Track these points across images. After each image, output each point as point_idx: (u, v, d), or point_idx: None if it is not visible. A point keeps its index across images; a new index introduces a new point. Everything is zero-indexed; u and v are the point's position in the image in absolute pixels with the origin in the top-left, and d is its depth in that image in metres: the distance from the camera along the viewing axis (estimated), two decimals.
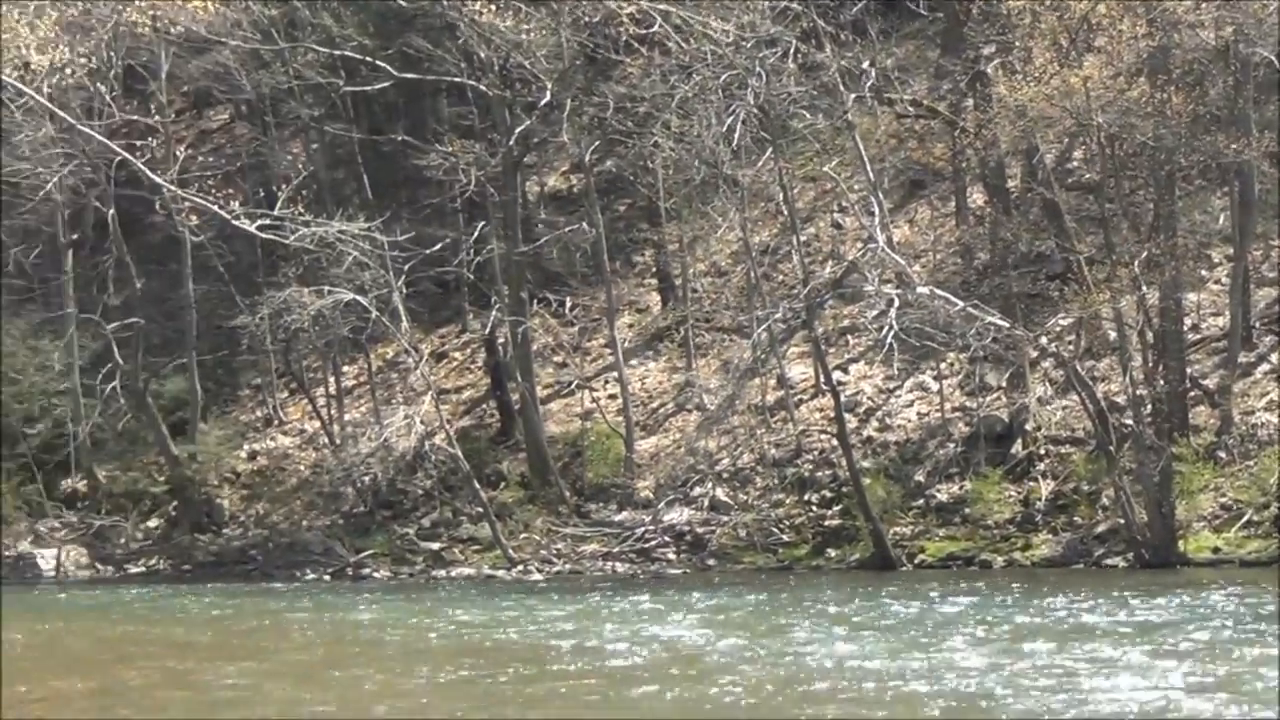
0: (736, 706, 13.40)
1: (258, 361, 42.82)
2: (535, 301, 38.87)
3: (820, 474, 31.90)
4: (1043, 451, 29.74)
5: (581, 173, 37.99)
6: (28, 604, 29.91)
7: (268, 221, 19.76)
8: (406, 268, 33.88)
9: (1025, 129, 27.04)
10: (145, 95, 41.02)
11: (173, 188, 25.16)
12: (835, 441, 30.75)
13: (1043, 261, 31.93)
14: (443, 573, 32.58)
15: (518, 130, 34.73)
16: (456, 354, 41.74)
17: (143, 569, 38.10)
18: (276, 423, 42.35)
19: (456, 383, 40.51)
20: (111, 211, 39.92)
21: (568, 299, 40.29)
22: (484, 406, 38.93)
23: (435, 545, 34.24)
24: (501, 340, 36.92)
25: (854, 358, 34.62)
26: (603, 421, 35.65)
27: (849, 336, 35.04)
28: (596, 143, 35.55)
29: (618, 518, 33.14)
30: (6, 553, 39.39)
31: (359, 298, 32.99)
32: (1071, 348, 29.49)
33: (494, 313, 35.89)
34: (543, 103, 34.36)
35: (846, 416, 30.56)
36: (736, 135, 29.22)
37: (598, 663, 16.42)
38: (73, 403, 41.31)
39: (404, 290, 34.35)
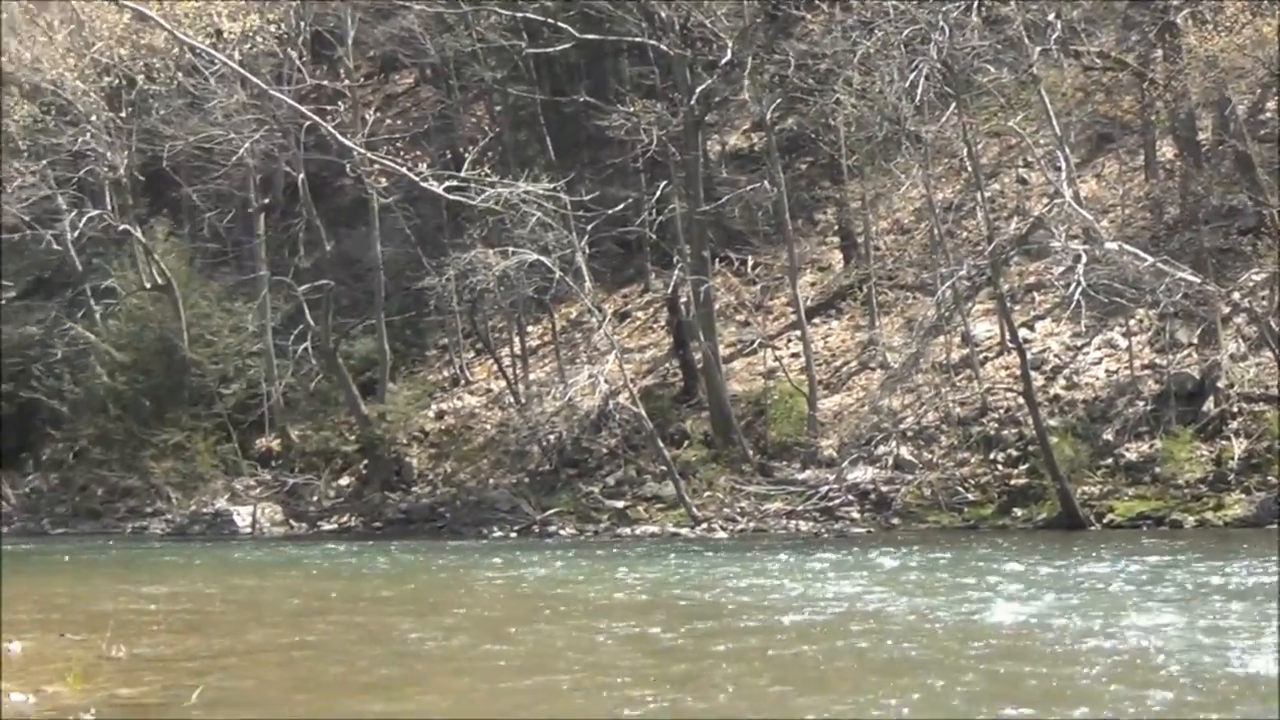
0: (913, 663, 13.46)
1: (444, 322, 43.81)
2: (717, 260, 39.31)
3: (1006, 432, 31.83)
4: (1235, 409, 29.42)
5: (763, 131, 38.21)
6: (224, 560, 31.19)
7: (455, 183, 20.40)
8: (589, 228, 34.72)
9: (1216, 80, 26.87)
10: (333, 60, 42.53)
11: (363, 150, 25.51)
12: (1021, 400, 30.58)
13: (1235, 215, 31.55)
14: (627, 530, 33.21)
15: (699, 89, 35.08)
16: (639, 313, 42.63)
17: (334, 526, 39.39)
18: (463, 382, 43.43)
19: (639, 342, 41.30)
20: (301, 176, 41.51)
21: (749, 258, 40.74)
22: (667, 365, 39.53)
23: (620, 503, 34.83)
24: (684, 299, 37.42)
25: (1040, 315, 34.46)
26: (785, 380, 35.98)
27: (1035, 293, 34.83)
28: (778, 100, 35.79)
29: (801, 476, 33.43)
30: (204, 509, 41.60)
31: (543, 258, 33.65)
32: (1265, 303, 29.29)
33: (676, 272, 36.38)
34: (723, 61, 34.51)
35: (1033, 374, 30.37)
36: (919, 91, 28.90)
37: (776, 618, 16.68)
38: (266, 363, 43.37)
39: (587, 250, 35.12)
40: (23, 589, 22.80)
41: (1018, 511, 30.08)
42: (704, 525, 32.47)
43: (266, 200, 46.10)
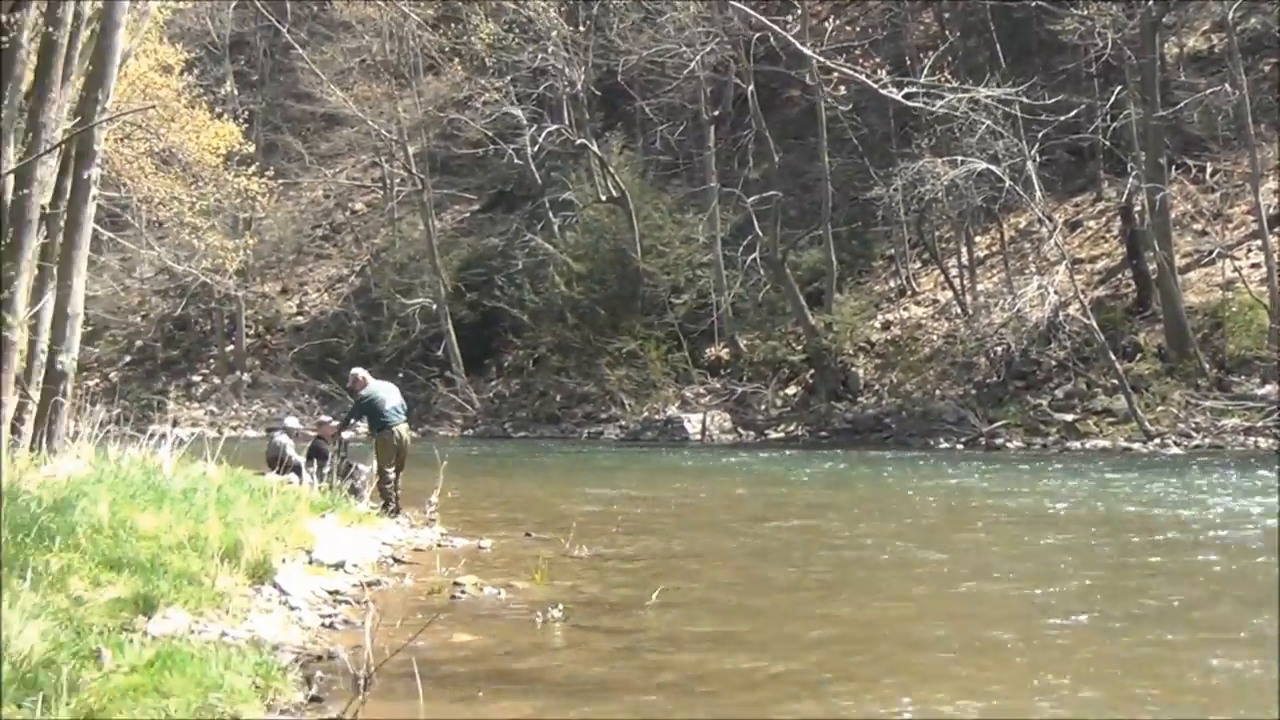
0: None
1: (891, 232, 44.98)
2: (1174, 167, 38.83)
3: None
4: None
5: (1224, 31, 37.98)
6: (676, 465, 32.22)
7: (914, 90, 21.19)
8: (1040, 135, 34.76)
9: None
10: None
11: (821, 59, 27.34)
12: None
13: None
14: (1076, 444, 32.95)
15: None
16: (1091, 223, 42.66)
17: (781, 434, 40.43)
18: (909, 293, 44.57)
19: (1091, 252, 41.30)
20: (750, 88, 43.15)
21: (1208, 164, 40.23)
22: (1119, 276, 39.44)
23: (1069, 416, 34.70)
24: (1138, 208, 37.16)
25: None
26: (1245, 291, 35.61)
27: None
28: None
29: (1260, 391, 33.11)
30: (656, 416, 43.88)
31: (992, 167, 34.01)
32: None
33: (1130, 180, 36.19)
34: None
35: None
36: None
37: (1229, 536, 16.30)
38: (715, 274, 45.57)
39: (1037, 158, 35.28)
40: (489, 490, 24.45)
41: None
42: (1157, 440, 32.19)
43: (716, 113, 48.24)
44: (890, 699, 8.89)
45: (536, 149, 49.44)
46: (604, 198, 49.18)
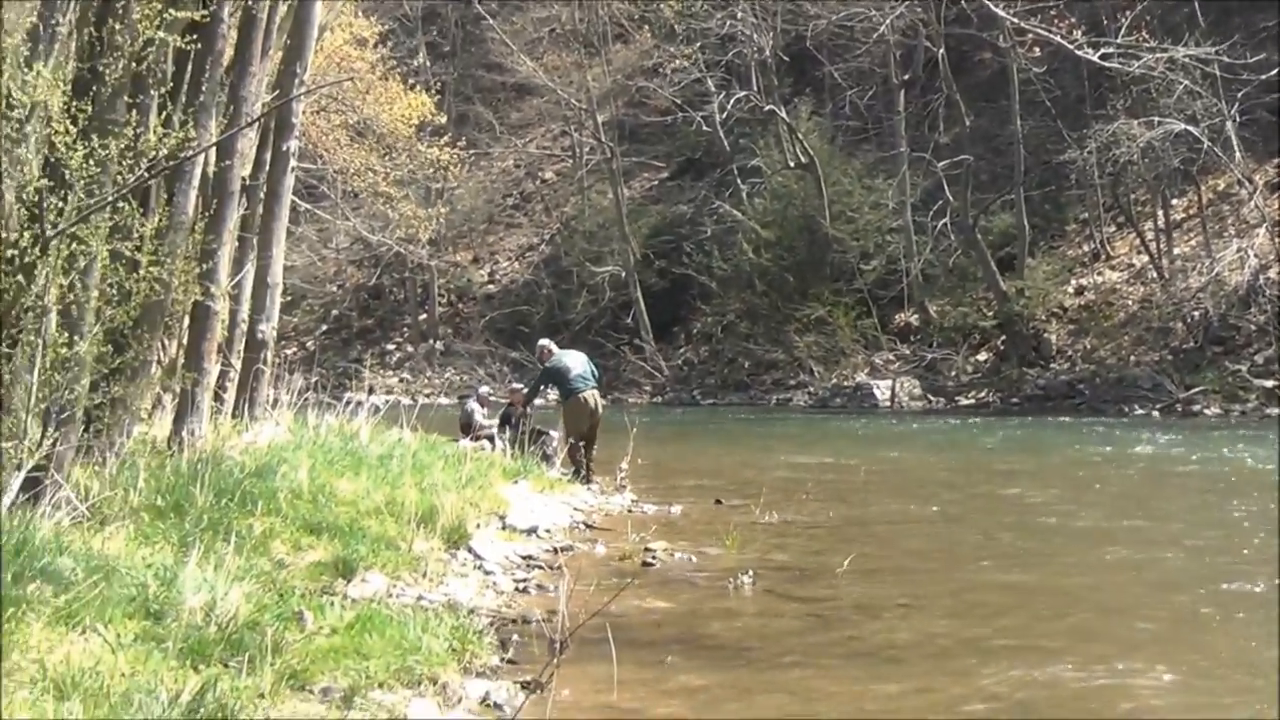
0: None
1: (1084, 196, 44.19)
2: None
3: None
4: None
5: None
6: (865, 432, 32.05)
7: (1110, 50, 20.29)
8: (1240, 95, 34.51)
9: None
10: None
11: (1014, 20, 25.41)
12: None
13: None
14: (1276, 410, 32.50)
15: None
16: None
17: (971, 401, 40.24)
18: (1103, 257, 43.71)
19: None
20: (941, 51, 43.11)
21: None
22: None
23: (1269, 383, 34.26)
24: None
25: None
26: None
27: None
28: None
29: None
30: (845, 383, 43.72)
31: (1190, 128, 33.74)
32: None
33: None
34: None
35: None
36: None
37: None
38: (905, 239, 45.27)
39: (1237, 119, 35.04)
40: (678, 457, 24.61)
41: None
42: None
43: (906, 76, 47.81)
44: (1085, 665, 8.81)
45: (725, 116, 49.58)
46: (792, 164, 49.04)
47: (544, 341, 20.31)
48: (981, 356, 43.22)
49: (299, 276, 57.84)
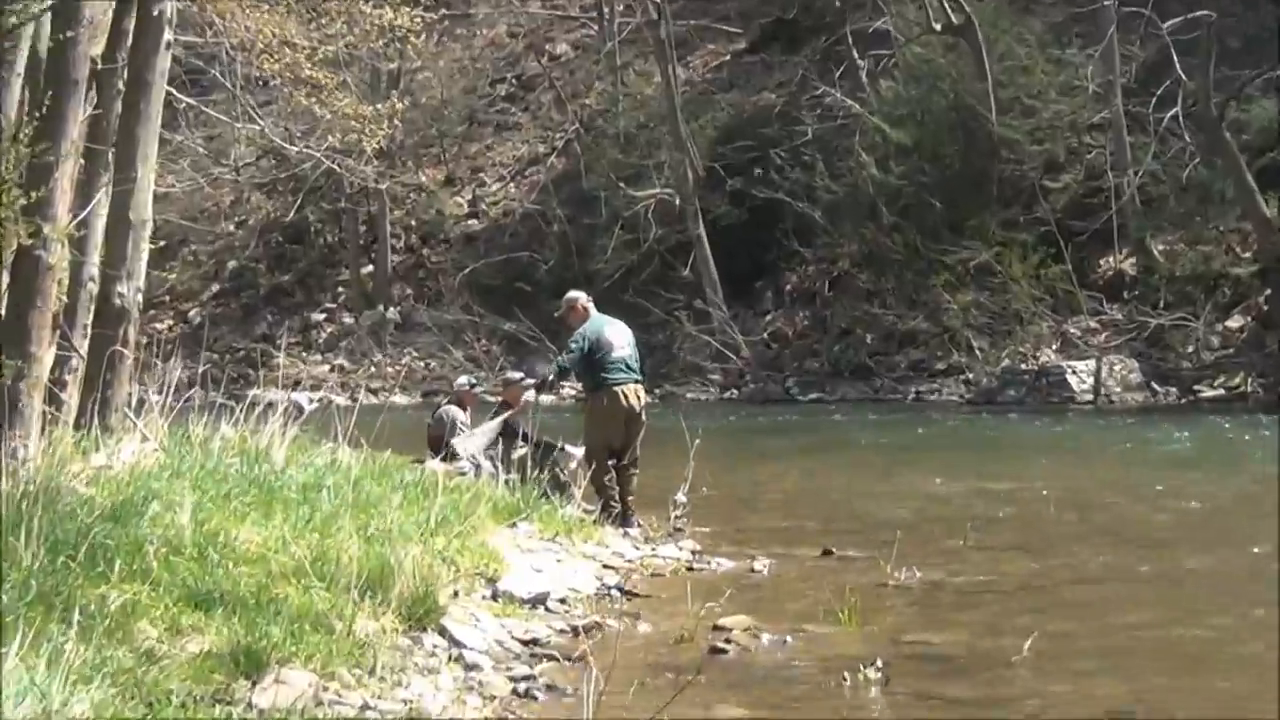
0: None
1: None
2: None
3: None
4: None
5: None
6: (1055, 440, 32.77)
7: None
8: None
9: None
10: None
11: None
12: None
13: None
14: None
15: None
16: None
17: (1220, 391, 40.40)
18: None
19: None
20: None
21: None
22: None
23: None
24: None
25: None
26: None
27: None
28: None
29: None
30: (1021, 365, 43.94)
31: None
32: None
33: None
34: None
35: None
36: None
37: None
38: (1114, 142, 45.39)
39: None
40: (763, 482, 25.25)
41: None
42: None
43: None
44: None
45: None
46: (938, 27, 49.40)
47: (575, 295, 20.31)
48: (1233, 322, 43.24)
49: (179, 210, 57.94)
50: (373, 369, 56.60)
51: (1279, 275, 42.22)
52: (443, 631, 12.47)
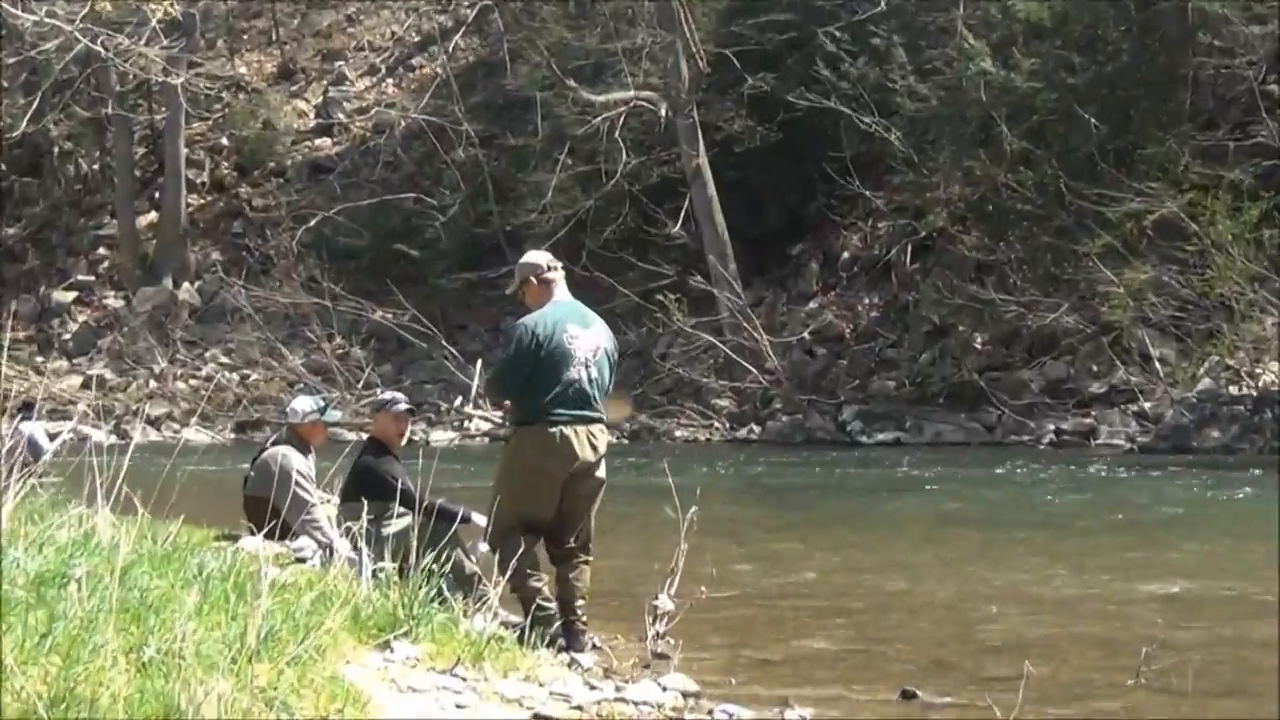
0: None
1: None
2: None
3: None
4: None
5: None
6: (1264, 517, 32.80)
7: None
8: None
9: None
10: None
11: None
12: None
13: None
14: None
15: None
16: None
17: None
18: None
19: None
20: None
21: None
22: None
23: None
24: None
25: None
26: None
27: None
28: None
29: None
30: (1233, 388, 49.55)
31: None
32: None
33: None
34: None
35: None
36: None
37: None
38: None
39: None
40: (799, 572, 26.51)
41: None
42: None
43: None
44: None
45: None
46: None
47: (535, 259, 19.73)
48: None
49: None
50: (153, 384, 56.67)
51: None
52: None
